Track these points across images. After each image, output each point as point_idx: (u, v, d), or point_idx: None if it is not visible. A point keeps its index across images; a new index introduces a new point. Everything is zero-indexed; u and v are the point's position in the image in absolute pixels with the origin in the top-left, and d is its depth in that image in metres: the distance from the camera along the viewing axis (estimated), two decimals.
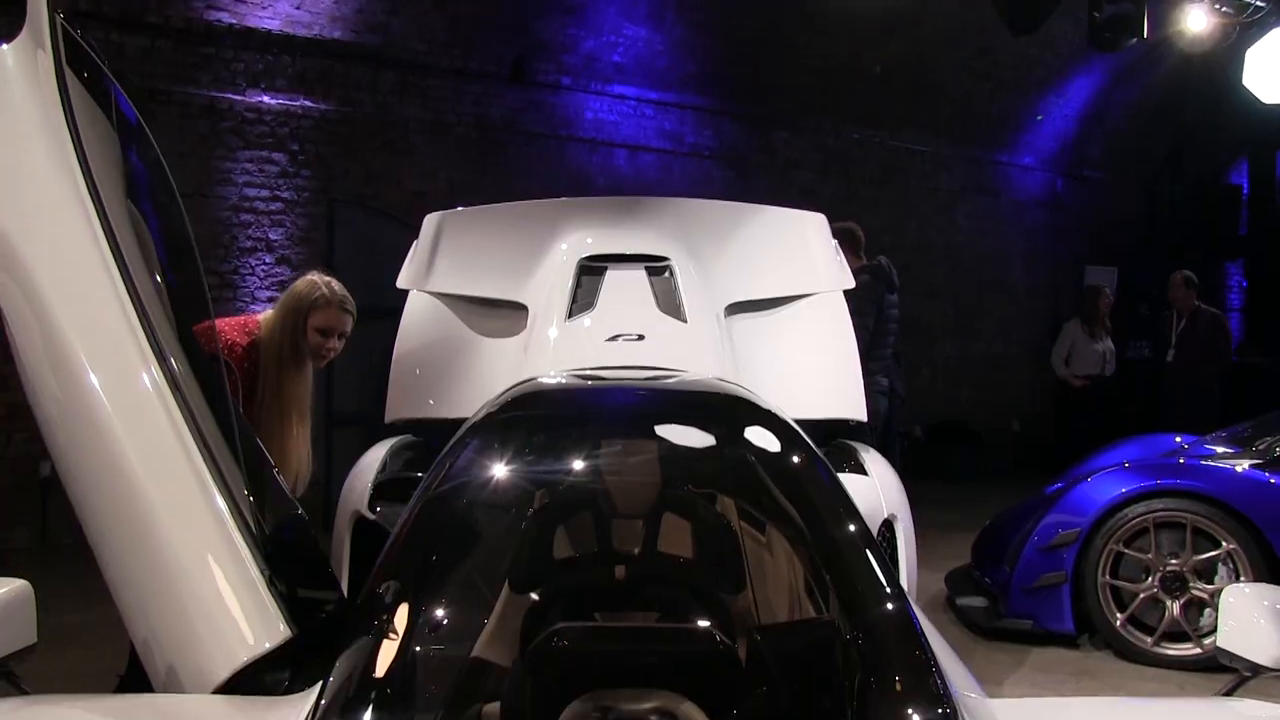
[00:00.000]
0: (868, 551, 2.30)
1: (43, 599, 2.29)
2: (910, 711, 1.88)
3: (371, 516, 3.74)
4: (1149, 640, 5.00)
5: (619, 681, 2.04)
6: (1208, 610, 4.93)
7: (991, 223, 12.25)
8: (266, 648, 2.24)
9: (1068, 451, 7.28)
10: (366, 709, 1.93)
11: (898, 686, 1.96)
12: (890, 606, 2.16)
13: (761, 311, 4.39)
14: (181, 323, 2.59)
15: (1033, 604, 5.13)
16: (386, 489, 3.83)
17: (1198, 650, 4.91)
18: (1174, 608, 4.97)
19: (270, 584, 2.31)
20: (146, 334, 2.41)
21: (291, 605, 2.34)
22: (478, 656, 2.24)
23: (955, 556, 6.34)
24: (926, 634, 2.12)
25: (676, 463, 2.73)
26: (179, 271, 2.83)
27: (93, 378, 2.35)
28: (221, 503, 2.35)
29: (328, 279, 3.63)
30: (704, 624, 2.21)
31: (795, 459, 2.63)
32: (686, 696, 1.97)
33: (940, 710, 1.86)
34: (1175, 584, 5.00)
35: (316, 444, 3.79)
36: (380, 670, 2.02)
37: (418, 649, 2.16)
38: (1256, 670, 2.25)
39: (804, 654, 2.22)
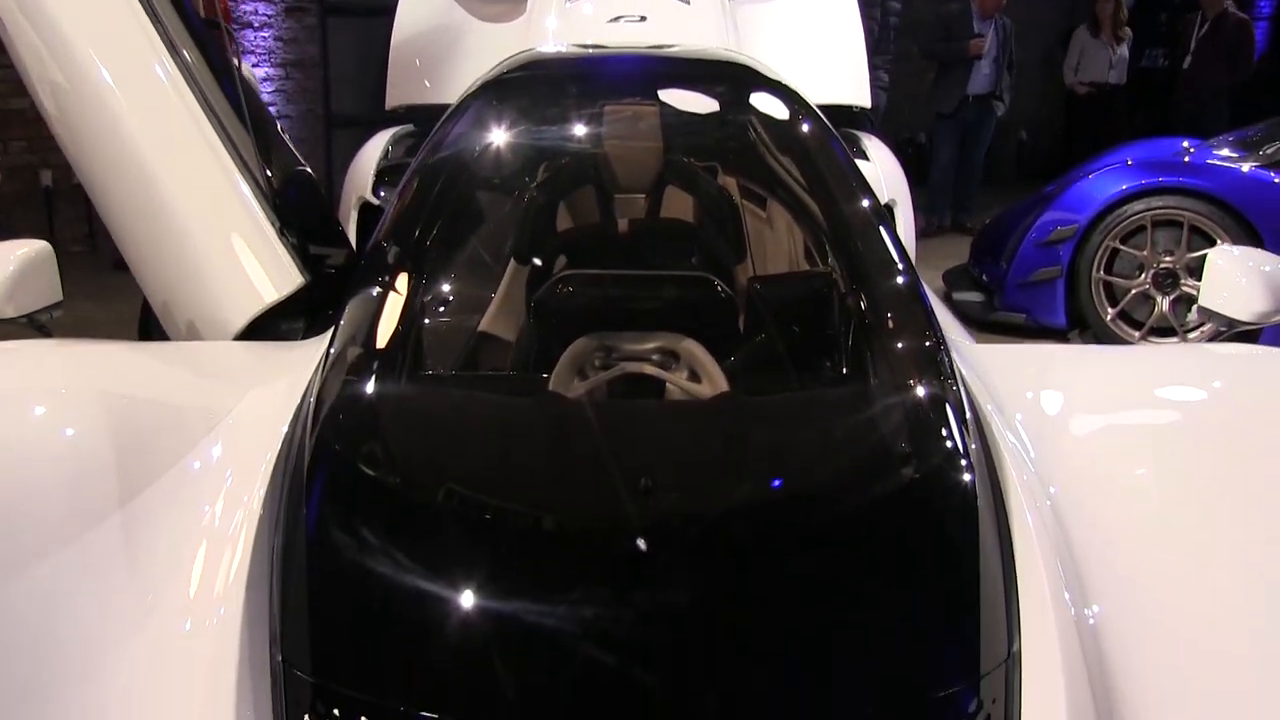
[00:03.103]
0: (874, 219, 2.33)
1: None
2: (900, 345, 1.97)
3: (376, 201, 3.78)
4: (1137, 334, 5.15)
5: (622, 325, 2.12)
6: (1195, 306, 5.04)
7: None
8: (281, 295, 2.32)
9: (1073, 162, 7.22)
10: (376, 350, 2.01)
11: (890, 324, 2.03)
12: (889, 265, 2.20)
13: None
14: None
15: (1027, 298, 5.25)
16: (390, 174, 3.85)
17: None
18: (1164, 303, 5.10)
19: (281, 235, 2.36)
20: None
21: (303, 256, 2.40)
22: (485, 330, 2.32)
23: (954, 258, 6.42)
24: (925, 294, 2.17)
25: (681, 130, 2.72)
26: None
27: (92, 53, 2.31)
28: (231, 163, 2.37)
29: None
30: (706, 274, 2.27)
31: (806, 127, 2.62)
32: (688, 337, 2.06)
33: (928, 343, 1.94)
34: (1167, 280, 5.10)
35: (316, 145, 3.77)
36: (389, 313, 2.09)
37: (426, 302, 2.23)
38: (1233, 325, 2.34)
39: (802, 303, 2.30)
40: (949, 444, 1.73)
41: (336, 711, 1.35)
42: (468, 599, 1.46)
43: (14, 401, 1.83)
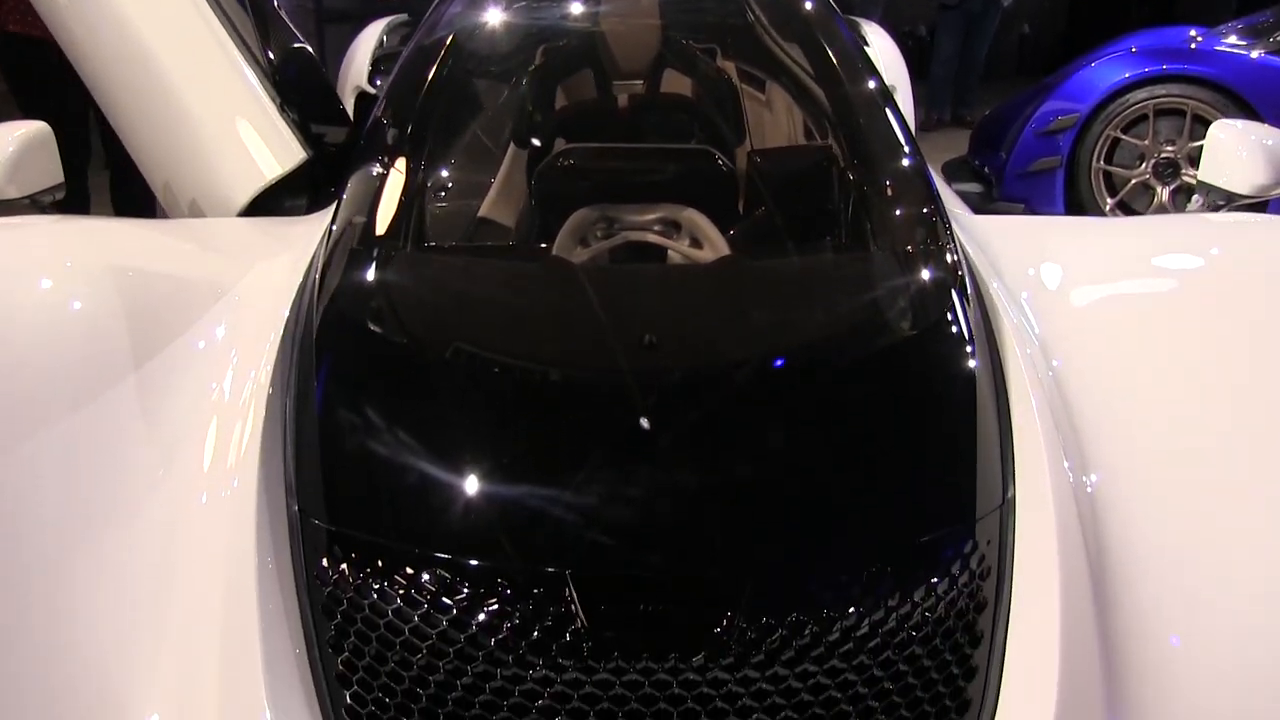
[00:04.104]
0: (878, 97, 2.31)
1: None
2: (900, 213, 1.98)
3: (372, 90, 3.75)
4: None
5: (624, 199, 2.13)
6: (1195, 196, 5.01)
7: None
8: (283, 170, 2.32)
9: (1076, 56, 7.11)
10: (380, 224, 2.02)
11: (891, 192, 2.04)
12: (892, 140, 2.20)
13: None
14: None
15: (1026, 188, 5.23)
16: (386, 62, 3.81)
17: None
18: (1163, 193, 5.08)
19: (282, 111, 2.35)
20: None
21: (305, 132, 2.40)
22: (485, 216, 2.32)
23: (954, 151, 6.37)
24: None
25: (680, 8, 2.69)
26: None
27: None
28: (229, 40, 2.35)
29: None
30: (707, 148, 2.27)
31: (808, 5, 2.59)
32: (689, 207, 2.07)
33: (927, 210, 1.95)
34: (1168, 170, 5.07)
35: (308, 40, 3.72)
36: (391, 189, 2.09)
37: (427, 182, 2.23)
38: (1231, 199, 2.33)
39: (804, 175, 2.30)
40: (947, 305, 1.75)
41: (353, 555, 1.39)
42: (475, 446, 1.51)
43: (20, 274, 1.83)
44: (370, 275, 1.87)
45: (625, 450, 1.48)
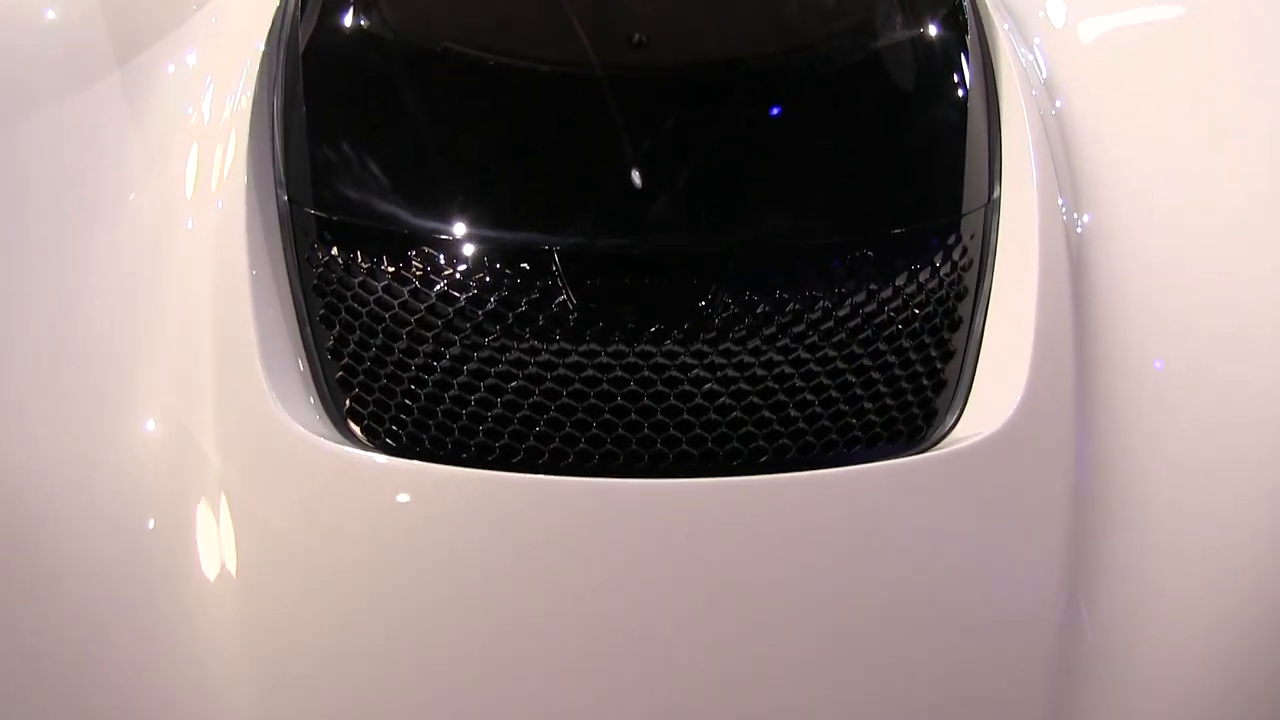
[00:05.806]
0: None
1: None
2: None
3: None
4: None
5: None
6: None
7: None
8: None
9: None
10: None
11: None
12: None
13: None
14: None
15: None
16: None
17: None
18: None
19: None
20: None
21: None
22: None
23: None
24: None
25: None
26: None
27: None
28: None
29: None
30: None
31: None
32: None
33: None
34: None
35: None
36: None
37: None
38: None
39: None
40: (943, 18, 1.72)
41: (343, 237, 1.41)
42: (461, 133, 1.53)
43: None
44: None
45: (611, 133, 1.48)
